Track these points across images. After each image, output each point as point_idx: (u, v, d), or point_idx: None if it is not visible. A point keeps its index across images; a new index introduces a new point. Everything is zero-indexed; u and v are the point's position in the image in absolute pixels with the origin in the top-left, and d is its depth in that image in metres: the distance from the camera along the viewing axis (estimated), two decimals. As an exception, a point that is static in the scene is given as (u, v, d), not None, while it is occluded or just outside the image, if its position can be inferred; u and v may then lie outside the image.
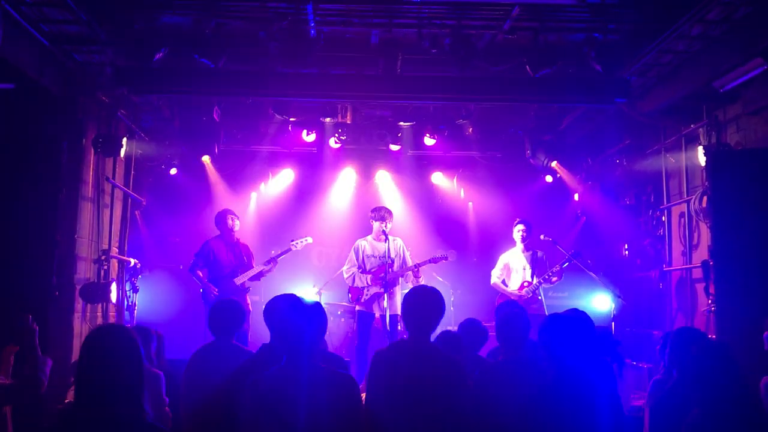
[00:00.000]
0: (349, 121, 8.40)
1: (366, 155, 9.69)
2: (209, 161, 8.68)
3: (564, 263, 7.33)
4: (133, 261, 7.79)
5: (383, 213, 7.15)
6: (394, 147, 8.80)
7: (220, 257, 7.22)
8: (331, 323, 7.49)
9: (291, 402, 2.71)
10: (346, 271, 7.27)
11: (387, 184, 10.03)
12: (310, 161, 9.59)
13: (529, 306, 7.28)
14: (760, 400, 3.05)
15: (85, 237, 6.85)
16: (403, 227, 9.06)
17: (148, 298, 8.13)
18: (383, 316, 6.71)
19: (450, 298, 8.77)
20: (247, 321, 6.14)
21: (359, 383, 3.17)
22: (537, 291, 7.40)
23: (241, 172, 9.63)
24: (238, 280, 7.14)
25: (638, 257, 8.73)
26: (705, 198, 6.50)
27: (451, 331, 4.91)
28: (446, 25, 6.00)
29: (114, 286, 7.00)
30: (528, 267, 7.52)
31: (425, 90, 6.64)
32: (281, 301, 3.05)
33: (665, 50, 6.03)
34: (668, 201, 7.94)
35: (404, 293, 7.83)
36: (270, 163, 9.80)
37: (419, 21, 5.99)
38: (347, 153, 9.46)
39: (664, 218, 8.08)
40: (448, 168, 10.08)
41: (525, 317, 4.01)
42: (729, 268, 5.43)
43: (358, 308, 7.10)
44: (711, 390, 3.00)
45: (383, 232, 7.02)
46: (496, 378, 3.65)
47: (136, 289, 7.69)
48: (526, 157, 8.82)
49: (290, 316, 2.90)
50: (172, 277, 8.76)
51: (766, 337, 4.31)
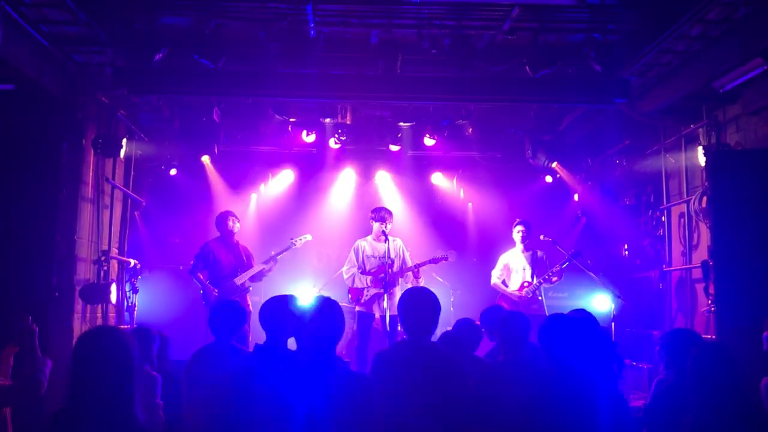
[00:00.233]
0: (348, 122, 8.39)
1: (366, 156, 9.70)
2: (209, 161, 8.68)
3: (564, 263, 7.33)
4: (132, 262, 7.79)
5: (383, 214, 7.15)
6: (394, 147, 8.79)
7: (219, 258, 7.22)
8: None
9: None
10: (346, 271, 7.27)
11: (387, 185, 10.03)
12: (310, 162, 9.59)
13: (530, 306, 7.29)
14: (760, 401, 3.04)
15: (85, 238, 6.85)
16: (403, 228, 9.05)
17: (148, 299, 8.12)
18: (383, 317, 6.70)
19: (450, 299, 8.76)
20: (247, 322, 6.14)
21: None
22: (537, 291, 7.40)
23: (241, 172, 9.63)
24: (238, 280, 7.14)
25: (638, 257, 8.73)
26: (705, 198, 6.50)
27: (450, 331, 4.91)
28: (446, 25, 5.99)
29: (114, 287, 7.00)
30: (528, 267, 7.52)
31: (425, 90, 6.63)
32: (279, 301, 3.03)
33: (665, 50, 6.03)
34: (668, 201, 7.94)
35: (404, 294, 7.82)
36: (270, 163, 9.79)
37: (419, 21, 5.98)
38: (347, 153, 9.47)
39: (663, 218, 8.08)
40: (448, 168, 10.09)
41: (524, 318, 4.02)
42: (729, 269, 5.42)
43: (358, 309, 7.10)
44: (709, 391, 3.00)
45: (383, 232, 7.02)
46: (497, 378, 3.66)
47: (136, 290, 7.69)
48: (527, 157, 8.82)
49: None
50: (172, 277, 8.76)
51: (765, 337, 4.30)
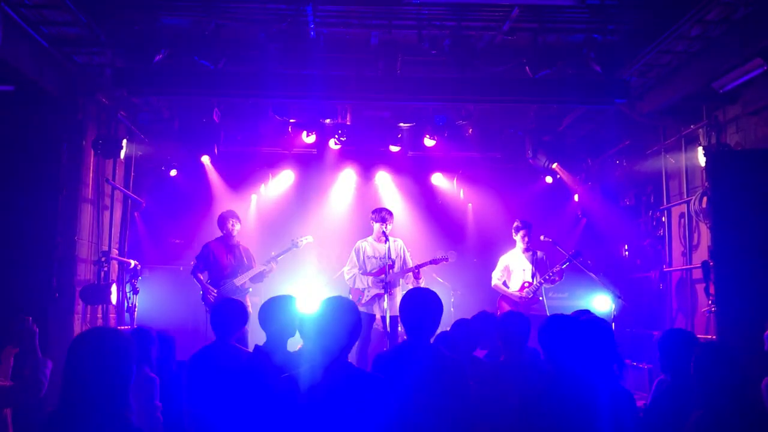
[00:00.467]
0: (348, 123, 8.38)
1: (366, 156, 9.70)
2: (209, 161, 8.68)
3: (564, 264, 7.33)
4: (133, 262, 7.79)
5: (384, 214, 7.15)
6: (394, 148, 8.79)
7: (219, 259, 7.22)
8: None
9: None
10: (347, 272, 7.27)
11: (387, 185, 10.04)
12: (310, 162, 9.59)
13: (530, 307, 7.28)
14: (761, 401, 3.04)
15: (85, 238, 6.85)
16: (403, 228, 9.05)
17: (148, 300, 8.12)
18: (383, 317, 6.70)
19: (450, 299, 8.76)
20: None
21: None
22: (538, 291, 7.40)
23: (241, 173, 9.63)
24: (238, 280, 7.14)
25: (638, 258, 8.73)
26: (705, 198, 6.50)
27: (447, 332, 4.89)
28: (446, 26, 6.00)
29: (114, 288, 6.99)
30: (528, 268, 7.52)
31: (425, 91, 6.63)
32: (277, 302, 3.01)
33: (665, 51, 6.03)
34: (668, 201, 7.94)
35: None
36: (270, 164, 9.80)
37: (419, 22, 5.99)
38: (347, 154, 9.46)
39: (664, 219, 8.08)
40: (448, 169, 10.09)
41: (524, 318, 4.02)
42: (729, 269, 5.42)
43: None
44: (708, 391, 3.00)
45: (383, 233, 7.02)
46: (498, 379, 3.66)
47: (136, 291, 7.69)
48: (527, 158, 8.82)
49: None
50: (172, 278, 8.75)
51: (766, 337, 4.30)
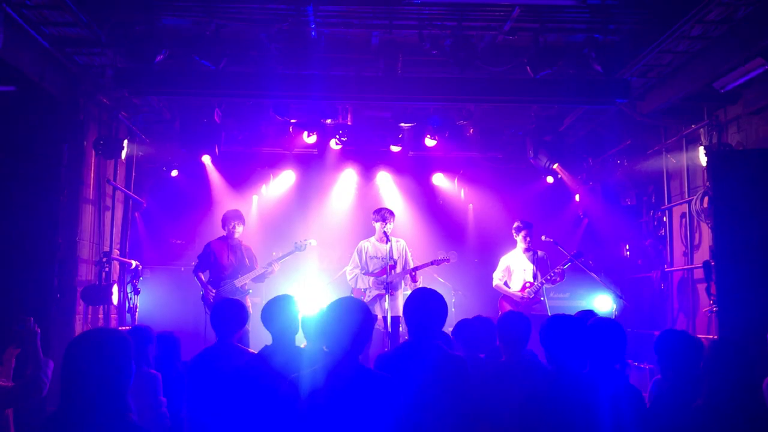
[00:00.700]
0: (349, 123, 8.39)
1: (367, 156, 9.70)
2: (210, 161, 8.68)
3: (565, 264, 7.33)
4: (134, 263, 7.80)
5: (384, 213, 7.15)
6: (395, 148, 8.79)
7: (220, 259, 7.23)
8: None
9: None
10: (349, 272, 7.28)
11: (388, 185, 10.04)
12: (311, 162, 9.59)
13: (532, 307, 7.28)
14: (763, 401, 3.04)
15: (86, 239, 6.85)
16: (404, 228, 9.06)
17: (149, 300, 8.12)
18: (385, 318, 6.70)
19: (451, 299, 8.76)
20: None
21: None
22: (539, 292, 7.39)
23: (242, 173, 9.63)
24: (239, 281, 7.14)
25: (639, 258, 8.73)
26: (706, 198, 6.49)
27: (445, 333, 4.88)
28: (446, 26, 5.99)
29: (115, 288, 7.00)
30: (529, 268, 7.52)
31: (426, 91, 6.64)
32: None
33: (665, 51, 6.02)
34: (669, 201, 7.94)
35: (406, 295, 7.82)
36: (271, 164, 9.80)
37: (420, 22, 5.98)
38: (348, 154, 9.47)
39: (665, 219, 8.07)
40: (449, 169, 10.09)
41: (524, 318, 4.02)
42: (731, 269, 5.41)
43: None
44: (707, 391, 3.00)
45: (385, 233, 7.02)
46: (499, 379, 3.65)
47: (137, 291, 7.69)
48: (528, 158, 8.82)
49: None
50: (173, 278, 8.76)
51: (768, 337, 4.30)
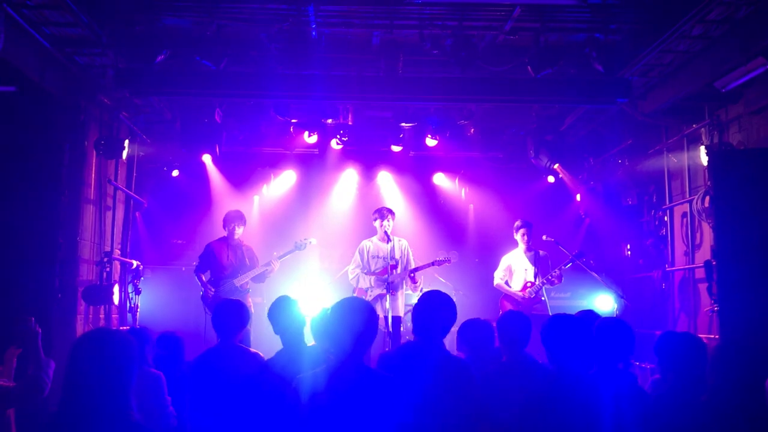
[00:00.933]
0: (350, 123, 8.39)
1: (368, 156, 9.71)
2: (210, 161, 8.68)
3: (567, 264, 7.33)
4: (135, 263, 7.80)
5: (383, 211, 7.17)
6: (396, 148, 8.79)
7: (220, 259, 7.24)
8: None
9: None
10: (350, 272, 7.29)
11: (389, 185, 10.04)
12: (312, 162, 9.60)
13: (533, 306, 7.28)
14: (764, 401, 3.03)
15: (88, 239, 6.86)
16: (405, 228, 9.05)
17: (150, 300, 8.12)
18: (386, 317, 6.70)
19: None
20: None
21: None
22: (540, 291, 7.39)
23: (243, 173, 9.64)
24: (238, 281, 7.14)
25: (641, 257, 8.72)
26: (707, 198, 6.48)
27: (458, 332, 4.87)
28: (447, 26, 5.99)
29: (116, 288, 7.00)
30: (530, 268, 7.51)
31: (426, 91, 6.63)
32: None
33: (666, 50, 6.02)
34: (670, 201, 7.93)
35: (407, 294, 7.83)
36: (272, 164, 9.81)
37: (420, 22, 5.98)
38: (349, 154, 9.47)
39: (666, 218, 8.07)
40: (450, 169, 10.10)
41: (524, 318, 4.02)
42: (732, 268, 5.40)
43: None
44: (711, 391, 2.99)
45: (386, 233, 7.02)
46: (500, 379, 3.65)
47: (138, 291, 7.69)
48: (529, 157, 8.81)
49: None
50: (174, 278, 8.76)
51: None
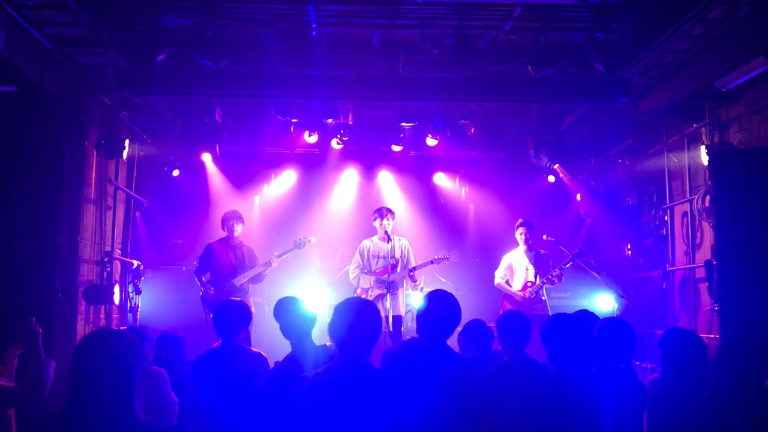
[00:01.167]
0: (350, 122, 8.39)
1: (368, 156, 9.71)
2: (210, 160, 8.69)
3: (567, 263, 7.33)
4: (135, 263, 7.80)
5: (383, 211, 7.18)
6: (396, 148, 8.79)
7: (220, 259, 7.25)
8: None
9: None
10: (351, 271, 7.29)
11: (389, 185, 10.04)
12: (313, 162, 9.60)
13: (533, 306, 7.29)
14: (766, 401, 3.03)
15: (88, 239, 6.86)
16: (405, 228, 9.06)
17: (151, 300, 8.12)
18: (386, 317, 6.70)
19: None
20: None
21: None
22: (540, 291, 7.39)
23: (243, 173, 9.64)
24: (237, 280, 7.15)
25: (641, 257, 8.72)
26: (708, 197, 6.48)
27: (461, 332, 4.87)
28: (448, 25, 5.99)
29: (117, 288, 7.01)
30: (531, 267, 7.51)
31: (427, 91, 6.63)
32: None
33: (667, 50, 6.02)
34: (671, 200, 7.93)
35: (407, 294, 7.81)
36: (272, 164, 9.81)
37: (421, 22, 5.98)
38: (349, 154, 9.47)
39: (666, 218, 8.07)
40: (451, 168, 10.10)
41: (524, 317, 4.03)
42: (732, 268, 5.40)
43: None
44: (712, 391, 2.99)
45: (386, 232, 7.02)
46: (501, 379, 3.66)
47: (138, 291, 7.70)
48: (529, 157, 8.81)
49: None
50: (174, 278, 8.76)
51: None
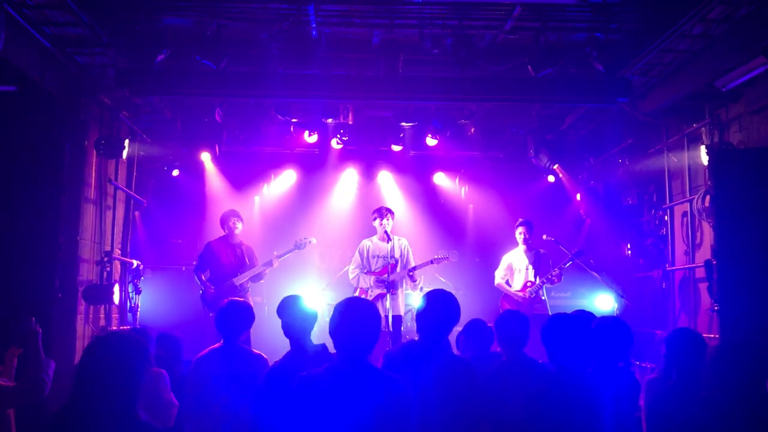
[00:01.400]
0: (350, 122, 8.39)
1: (368, 156, 9.71)
2: (210, 159, 8.69)
3: (567, 263, 7.33)
4: (135, 262, 7.80)
5: (383, 211, 7.18)
6: (396, 147, 8.79)
7: (220, 258, 7.25)
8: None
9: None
10: (351, 271, 7.29)
11: (389, 185, 10.04)
12: (313, 162, 9.60)
13: (533, 306, 7.28)
14: (765, 401, 3.03)
15: (88, 239, 6.86)
16: (405, 227, 9.05)
17: (151, 300, 8.12)
18: (386, 317, 6.70)
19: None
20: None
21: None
22: (540, 291, 7.39)
23: (243, 173, 9.63)
24: (237, 280, 7.15)
25: (641, 257, 8.72)
26: (708, 197, 6.48)
27: (461, 332, 4.87)
28: (448, 25, 5.99)
29: (117, 288, 7.00)
30: (531, 267, 7.51)
31: (427, 90, 6.63)
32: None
33: (667, 49, 6.02)
34: (671, 200, 7.93)
35: (406, 294, 7.81)
36: (272, 164, 9.81)
37: (421, 21, 5.98)
38: (349, 154, 9.47)
39: (666, 218, 8.07)
40: (450, 168, 10.10)
41: (523, 317, 4.03)
42: (732, 268, 5.40)
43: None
44: (713, 391, 2.99)
45: (386, 232, 7.02)
46: (501, 379, 3.66)
47: (138, 291, 7.70)
48: (529, 157, 8.81)
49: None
50: (174, 278, 8.76)
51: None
